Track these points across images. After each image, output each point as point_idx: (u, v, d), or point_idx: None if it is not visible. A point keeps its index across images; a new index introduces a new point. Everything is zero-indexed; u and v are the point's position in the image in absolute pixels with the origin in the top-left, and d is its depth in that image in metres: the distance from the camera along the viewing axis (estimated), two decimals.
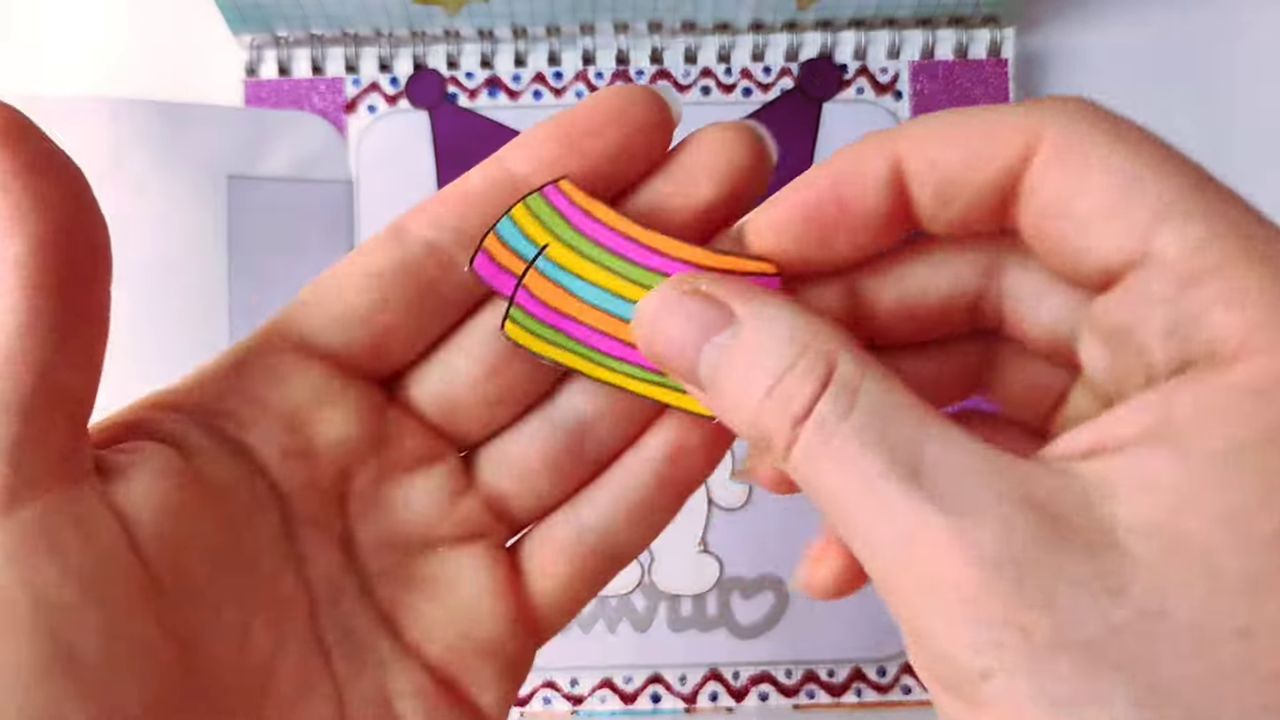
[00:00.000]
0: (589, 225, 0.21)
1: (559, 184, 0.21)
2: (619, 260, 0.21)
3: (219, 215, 0.39)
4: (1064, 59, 0.42)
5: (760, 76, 0.41)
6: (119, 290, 0.40)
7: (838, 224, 0.19)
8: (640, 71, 0.41)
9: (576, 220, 0.21)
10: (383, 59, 0.41)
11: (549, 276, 0.21)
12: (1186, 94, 0.42)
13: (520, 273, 0.21)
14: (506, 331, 0.21)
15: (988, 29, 0.41)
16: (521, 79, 0.41)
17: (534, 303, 0.21)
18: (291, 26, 0.41)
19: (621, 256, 0.21)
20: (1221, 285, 0.15)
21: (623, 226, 0.21)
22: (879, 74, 0.41)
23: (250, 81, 0.41)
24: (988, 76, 0.41)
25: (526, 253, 0.21)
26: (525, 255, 0.21)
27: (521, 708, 0.39)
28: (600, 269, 0.21)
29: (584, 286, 0.21)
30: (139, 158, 0.39)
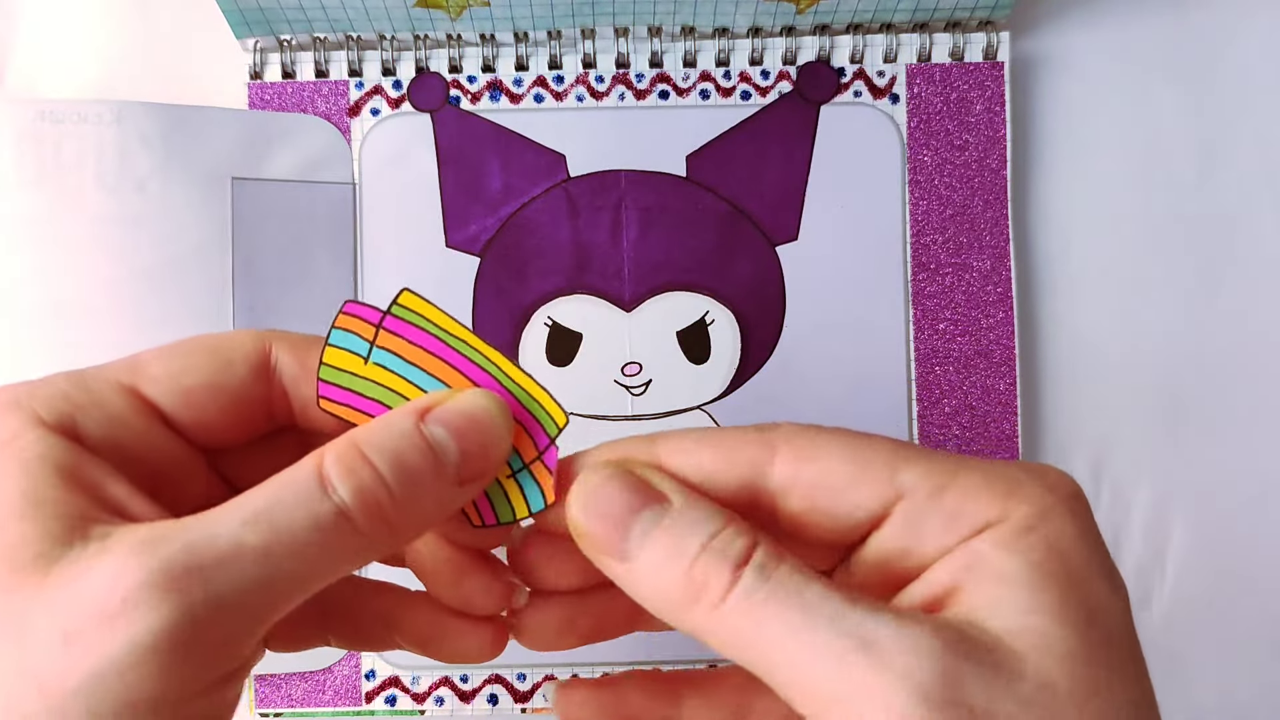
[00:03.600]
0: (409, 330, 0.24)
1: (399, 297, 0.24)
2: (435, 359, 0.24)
3: (223, 217, 0.40)
4: (1059, 62, 0.43)
5: (758, 80, 0.41)
6: (124, 290, 0.41)
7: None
8: (640, 75, 0.41)
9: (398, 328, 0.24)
10: (386, 63, 0.41)
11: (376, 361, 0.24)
12: (1181, 97, 0.43)
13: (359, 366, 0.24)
14: (321, 406, 0.24)
15: (984, 32, 0.41)
16: (523, 82, 0.41)
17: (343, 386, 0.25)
18: (295, 30, 0.41)
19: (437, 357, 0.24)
20: (959, 490, 0.22)
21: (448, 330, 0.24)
22: (876, 77, 0.42)
23: (254, 84, 0.41)
24: (984, 79, 0.41)
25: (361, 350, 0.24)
26: (360, 352, 0.24)
27: (523, 704, 0.40)
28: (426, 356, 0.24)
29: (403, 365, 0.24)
30: (144, 160, 0.39)
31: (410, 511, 0.22)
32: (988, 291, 0.41)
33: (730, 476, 0.23)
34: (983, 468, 0.23)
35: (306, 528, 0.21)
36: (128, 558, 0.20)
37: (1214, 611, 0.41)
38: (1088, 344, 0.42)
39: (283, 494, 0.21)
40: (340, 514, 0.21)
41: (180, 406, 0.24)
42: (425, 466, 0.22)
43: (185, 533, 0.20)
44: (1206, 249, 0.42)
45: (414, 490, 0.22)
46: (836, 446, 0.23)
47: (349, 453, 0.22)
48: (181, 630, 0.20)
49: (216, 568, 0.20)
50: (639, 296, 0.41)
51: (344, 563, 0.22)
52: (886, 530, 0.23)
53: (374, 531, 0.22)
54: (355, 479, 0.22)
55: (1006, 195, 0.41)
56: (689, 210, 0.41)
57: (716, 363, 0.41)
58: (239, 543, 0.20)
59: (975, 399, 0.41)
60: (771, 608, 0.21)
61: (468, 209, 0.41)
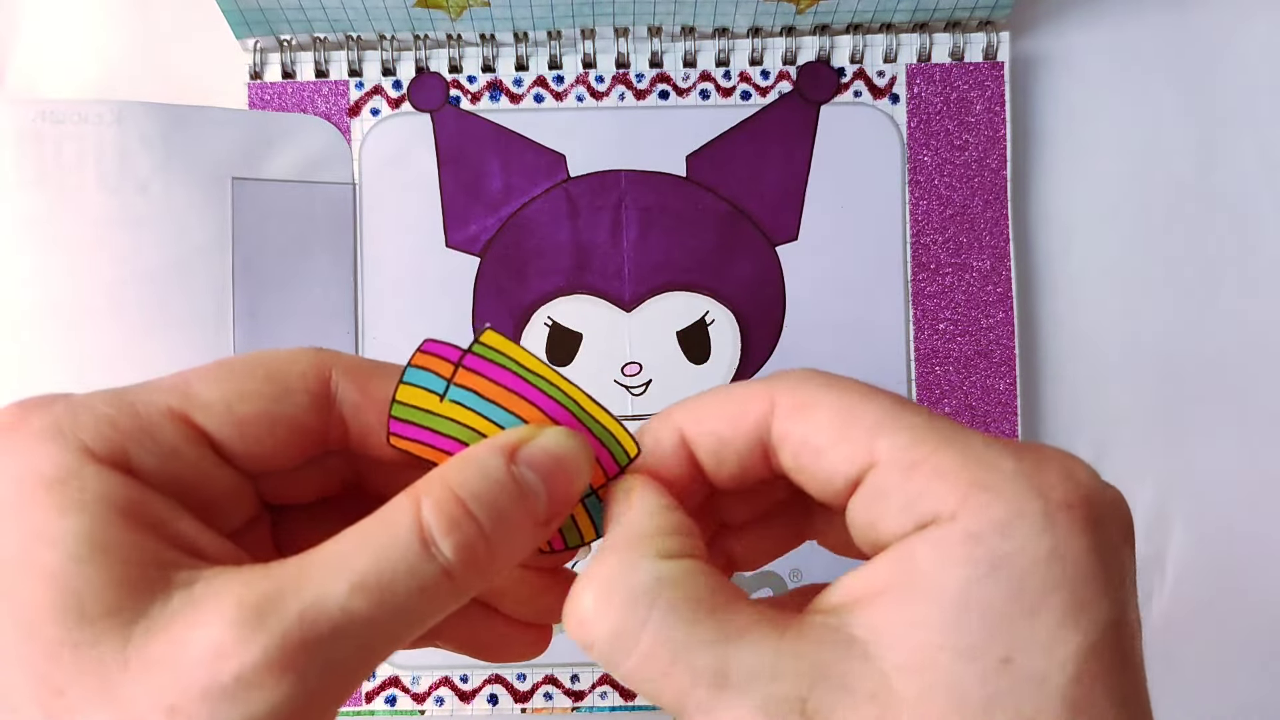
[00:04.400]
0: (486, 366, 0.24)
1: (482, 336, 0.23)
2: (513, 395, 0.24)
3: (224, 217, 0.40)
4: (1059, 62, 0.43)
5: (759, 80, 0.42)
6: (124, 290, 0.41)
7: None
8: (640, 75, 0.41)
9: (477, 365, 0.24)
10: (386, 63, 0.41)
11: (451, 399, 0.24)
12: (1180, 96, 0.43)
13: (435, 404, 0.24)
14: (392, 443, 0.24)
15: (984, 32, 0.41)
16: (523, 82, 0.41)
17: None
18: (295, 30, 0.41)
19: (514, 393, 0.24)
20: (931, 468, 0.20)
21: (525, 364, 0.24)
22: (876, 77, 0.42)
23: (254, 85, 0.41)
24: (984, 79, 0.41)
25: (437, 388, 0.23)
26: (437, 390, 0.24)
27: (523, 704, 0.40)
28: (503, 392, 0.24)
29: (477, 401, 0.24)
30: (144, 160, 0.39)
31: (504, 557, 0.22)
32: (988, 291, 0.41)
33: (739, 437, 0.23)
34: (973, 447, 0.20)
35: (412, 592, 0.20)
36: (235, 629, 0.19)
37: (1214, 611, 0.41)
38: (1087, 344, 0.42)
39: (388, 555, 0.20)
40: (444, 573, 0.21)
41: (234, 436, 0.22)
42: (519, 510, 0.22)
43: (293, 599, 0.19)
44: (1206, 249, 0.42)
45: (508, 536, 0.22)
46: (830, 402, 0.22)
47: (448, 502, 0.21)
48: (295, 706, 0.19)
49: (334, 644, 0.19)
50: (639, 296, 0.41)
51: (439, 616, 0.21)
52: (858, 498, 0.21)
53: (470, 583, 0.21)
54: (457, 534, 0.21)
55: (1006, 195, 0.41)
56: (689, 210, 0.41)
57: (716, 363, 0.41)
58: (349, 612, 0.19)
59: (975, 399, 0.41)
60: (653, 686, 0.20)
61: (468, 209, 0.41)
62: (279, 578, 0.20)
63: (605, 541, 0.22)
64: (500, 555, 0.22)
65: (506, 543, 0.22)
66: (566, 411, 0.24)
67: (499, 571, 0.22)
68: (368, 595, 0.20)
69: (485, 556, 0.21)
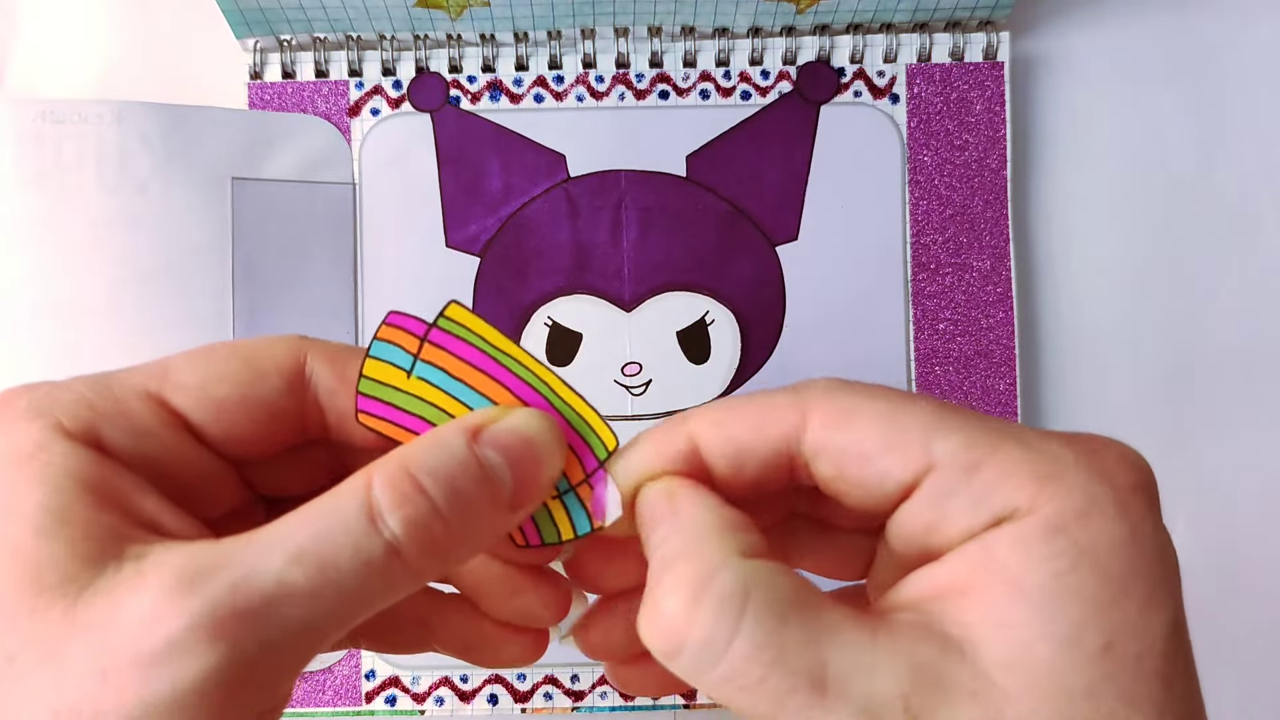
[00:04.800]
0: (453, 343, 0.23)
1: (446, 310, 0.23)
2: (480, 373, 0.23)
3: (223, 217, 0.40)
4: (1059, 62, 0.43)
5: (759, 80, 0.41)
6: (124, 290, 0.41)
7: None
8: (640, 75, 0.41)
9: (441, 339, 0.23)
10: (386, 63, 0.41)
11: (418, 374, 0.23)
12: (1181, 97, 0.43)
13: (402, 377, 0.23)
14: (360, 420, 0.23)
15: (984, 32, 0.41)
16: (523, 82, 0.41)
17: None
18: (295, 30, 0.41)
19: (483, 372, 0.23)
20: (995, 466, 0.20)
21: (494, 343, 0.23)
22: (876, 77, 0.42)
23: (254, 84, 0.41)
24: (984, 79, 0.41)
25: (404, 363, 0.23)
26: (403, 365, 0.23)
27: (523, 704, 0.40)
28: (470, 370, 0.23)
29: (446, 379, 0.23)
30: (144, 160, 0.39)
31: (462, 540, 0.21)
32: (988, 291, 0.41)
33: (764, 446, 0.22)
34: (1030, 441, 0.20)
35: (355, 567, 0.20)
36: (169, 595, 0.19)
37: (1214, 611, 0.41)
38: (1088, 344, 0.42)
39: (330, 528, 0.20)
40: (391, 549, 0.20)
41: (209, 418, 0.23)
42: (479, 492, 0.21)
43: (229, 569, 0.19)
44: (1206, 249, 0.42)
45: (467, 518, 0.21)
46: (871, 411, 0.21)
47: (400, 477, 0.21)
48: (226, 676, 0.19)
49: (263, 612, 0.19)
50: (639, 296, 0.41)
51: (390, 598, 0.21)
52: (914, 503, 0.21)
53: (424, 564, 0.21)
54: (407, 509, 0.20)
55: (1006, 195, 0.41)
56: (689, 210, 0.41)
57: (716, 363, 0.41)
58: (285, 583, 0.19)
59: (975, 399, 0.41)
60: (741, 699, 0.20)
61: (468, 209, 0.41)
62: (222, 550, 0.20)
63: (668, 544, 0.21)
64: (458, 537, 0.21)
65: (465, 525, 0.21)
66: (540, 396, 0.23)
67: (459, 555, 0.22)
68: (305, 567, 0.19)
69: (441, 536, 0.21)
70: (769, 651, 0.19)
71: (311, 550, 0.20)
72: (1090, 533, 0.19)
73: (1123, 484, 0.20)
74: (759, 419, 0.22)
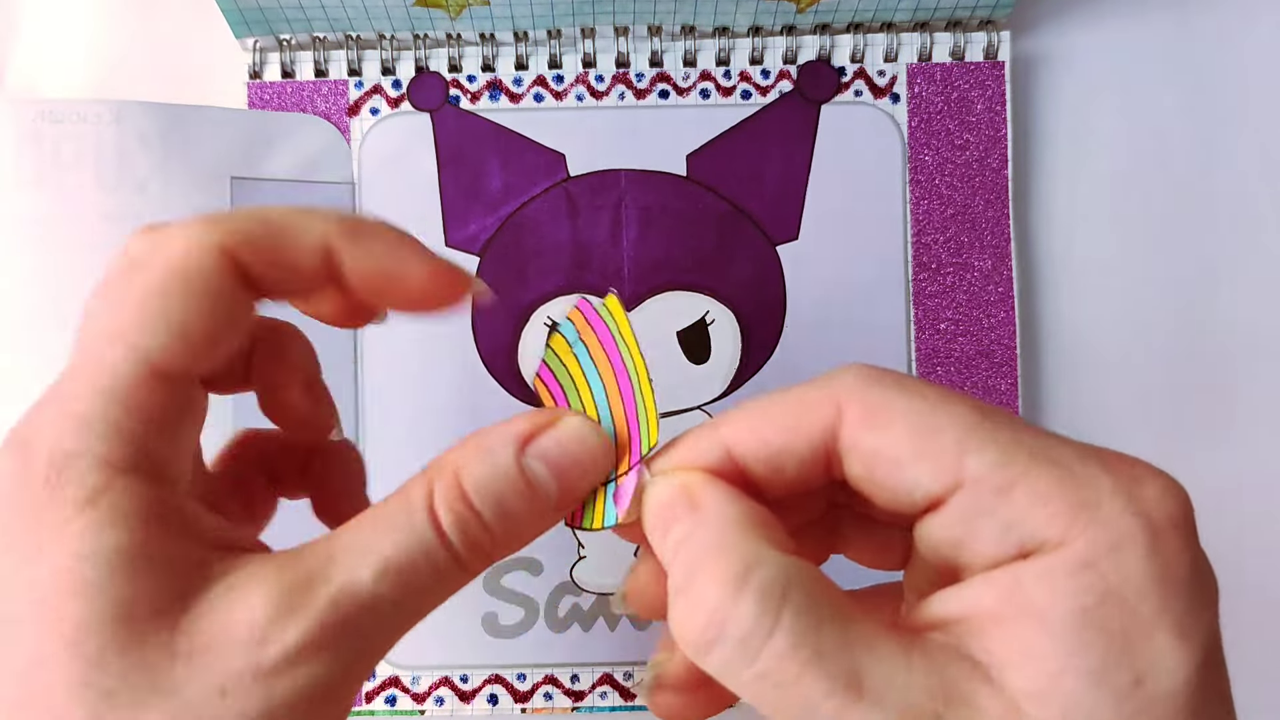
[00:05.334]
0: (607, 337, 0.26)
1: (607, 300, 0.26)
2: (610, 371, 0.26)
3: None
4: (1060, 61, 0.43)
5: (759, 79, 0.41)
6: None
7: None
8: (640, 74, 0.41)
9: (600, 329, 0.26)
10: (385, 62, 0.41)
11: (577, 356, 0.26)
12: (1181, 96, 0.42)
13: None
14: (533, 383, 0.26)
15: (984, 32, 0.41)
16: (523, 82, 0.41)
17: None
18: (295, 30, 0.41)
19: (609, 359, 0.26)
20: (1027, 490, 0.20)
21: (630, 346, 0.26)
22: (876, 77, 0.41)
23: (254, 84, 0.41)
24: (985, 78, 0.41)
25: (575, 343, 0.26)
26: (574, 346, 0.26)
27: (523, 704, 0.40)
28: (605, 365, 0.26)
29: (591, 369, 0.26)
30: (143, 160, 0.39)
31: (509, 544, 0.23)
32: (989, 291, 0.41)
33: (801, 446, 0.22)
34: (1068, 462, 0.20)
35: (431, 577, 0.22)
36: (277, 612, 0.20)
37: None
38: (1089, 344, 0.42)
39: (407, 542, 0.21)
40: (455, 560, 0.22)
41: (187, 355, 0.22)
42: (525, 507, 0.23)
43: (325, 584, 0.21)
44: (1207, 249, 0.42)
45: (512, 529, 0.23)
46: (904, 410, 0.21)
47: (455, 501, 0.22)
48: (334, 681, 0.21)
49: (362, 623, 0.21)
50: (639, 296, 0.41)
51: (448, 596, 0.23)
52: (943, 515, 0.20)
53: (478, 567, 0.23)
54: (466, 531, 0.22)
55: (1007, 195, 0.41)
56: (689, 210, 0.41)
57: (716, 363, 0.41)
58: (377, 595, 0.21)
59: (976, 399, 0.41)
60: (774, 696, 0.20)
61: (467, 208, 0.41)
62: (309, 563, 0.21)
63: (694, 539, 0.21)
64: (504, 544, 0.23)
65: (510, 534, 0.23)
66: (630, 385, 0.25)
67: (508, 552, 0.23)
68: (391, 580, 0.21)
69: (490, 545, 0.23)
70: (805, 650, 0.19)
71: (394, 564, 0.21)
72: (1121, 569, 0.19)
73: (1160, 518, 0.19)
74: (793, 419, 0.22)
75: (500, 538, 0.23)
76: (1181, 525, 0.19)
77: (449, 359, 0.41)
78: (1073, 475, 0.20)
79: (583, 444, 0.23)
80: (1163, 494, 0.20)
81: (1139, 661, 0.19)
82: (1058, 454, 0.20)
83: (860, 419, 0.21)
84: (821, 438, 0.22)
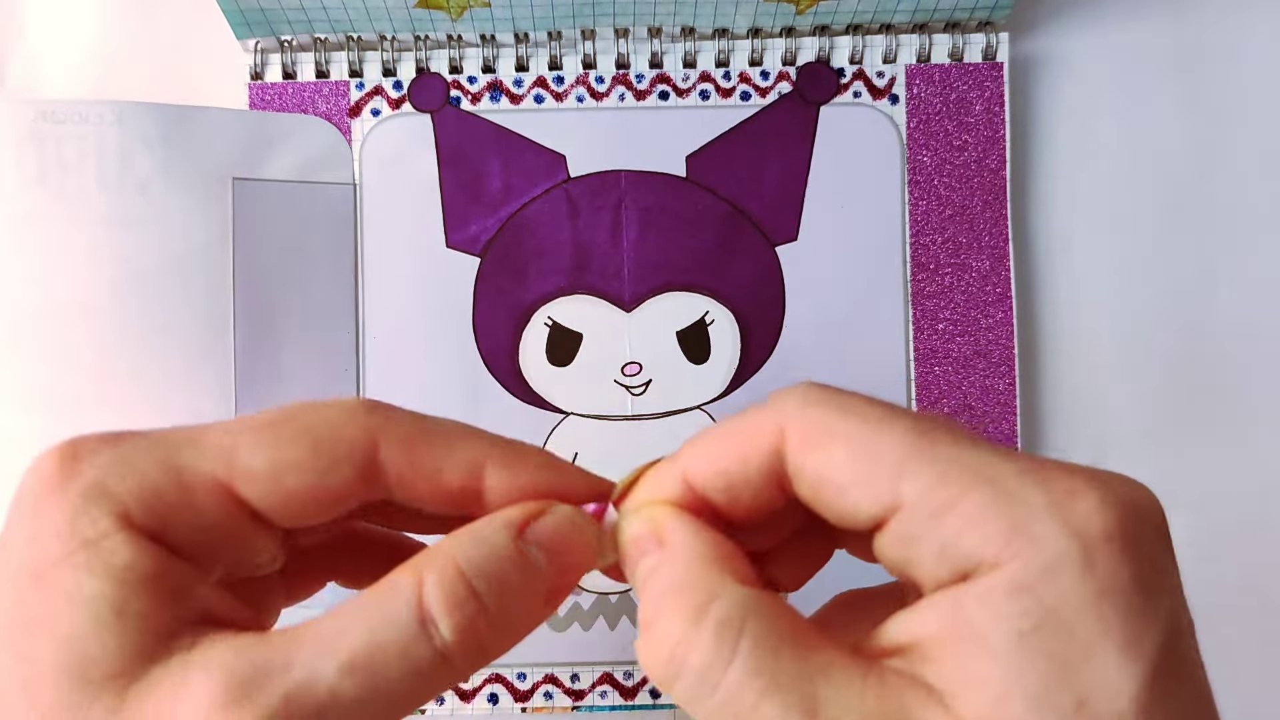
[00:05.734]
0: None
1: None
2: None
3: (224, 217, 0.40)
4: (1059, 62, 0.43)
5: (758, 80, 0.42)
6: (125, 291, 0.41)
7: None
8: (640, 75, 0.41)
9: None
10: (386, 63, 0.42)
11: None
12: (1180, 97, 0.43)
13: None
14: None
15: (983, 33, 0.42)
16: (523, 83, 0.42)
17: None
18: (296, 31, 0.41)
19: None
20: (962, 513, 0.19)
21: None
22: (875, 78, 0.42)
23: (255, 85, 0.41)
24: (983, 80, 0.41)
25: None
26: None
27: (523, 703, 0.40)
28: None
29: None
30: (144, 160, 0.39)
31: (504, 638, 0.22)
32: (987, 291, 0.41)
33: (752, 473, 0.22)
34: (1002, 484, 0.19)
35: (404, 675, 0.20)
36: (223, 703, 0.19)
37: (1214, 611, 0.41)
38: (1087, 344, 0.42)
39: (382, 634, 0.20)
40: (439, 655, 0.20)
41: (277, 506, 0.22)
42: (524, 590, 0.22)
43: (281, 676, 0.19)
44: (1206, 249, 0.42)
45: (512, 617, 0.22)
46: (844, 434, 0.21)
47: (453, 581, 0.21)
48: None
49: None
50: (639, 296, 0.41)
51: (429, 698, 0.21)
52: (885, 537, 0.21)
53: (468, 665, 0.21)
54: (459, 614, 0.21)
55: (1006, 195, 0.41)
56: (689, 210, 0.41)
57: (716, 363, 0.41)
58: (337, 694, 0.19)
59: (974, 399, 0.41)
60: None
61: (468, 209, 0.41)
62: (270, 651, 0.20)
63: (659, 574, 0.21)
64: (501, 635, 0.22)
65: (509, 622, 0.22)
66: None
67: (497, 653, 0.22)
68: (356, 677, 0.20)
69: (486, 636, 0.21)
70: (762, 679, 0.19)
71: (364, 658, 0.20)
72: (1056, 590, 0.19)
73: (1094, 533, 0.19)
74: (741, 446, 0.22)
75: (499, 627, 0.21)
76: (1118, 537, 0.19)
77: (450, 359, 0.41)
78: (1007, 495, 0.19)
79: (575, 529, 0.23)
80: (1098, 507, 0.19)
81: (1081, 683, 0.18)
82: (996, 472, 0.20)
83: (801, 442, 0.21)
84: (769, 462, 0.22)
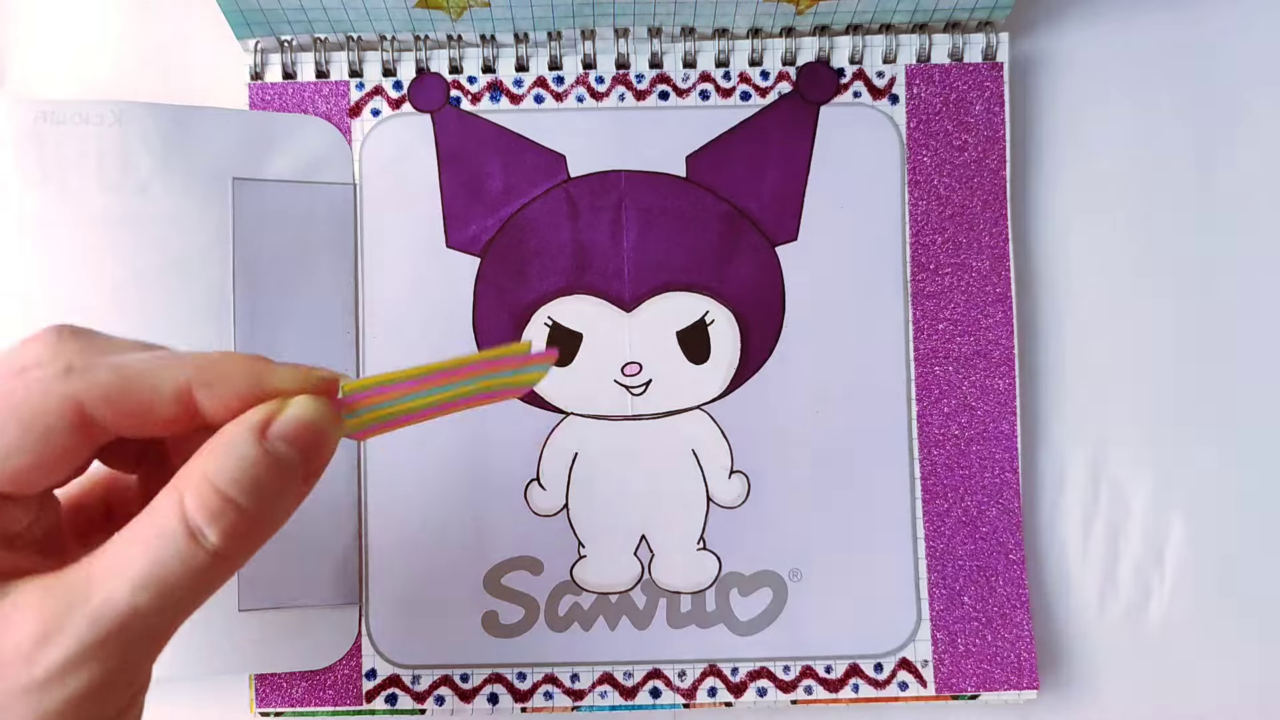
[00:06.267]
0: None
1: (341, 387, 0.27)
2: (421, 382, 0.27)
3: (224, 217, 0.40)
4: (1059, 62, 0.43)
5: (758, 80, 0.42)
6: (125, 291, 0.41)
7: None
8: (640, 75, 0.41)
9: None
10: (386, 63, 0.42)
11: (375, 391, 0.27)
12: (1180, 97, 0.43)
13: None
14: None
15: (983, 33, 0.42)
16: (523, 83, 0.42)
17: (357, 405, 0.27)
18: (296, 31, 0.41)
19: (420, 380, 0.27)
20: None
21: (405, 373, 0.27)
22: (875, 78, 0.42)
23: (255, 85, 0.41)
24: (983, 80, 0.41)
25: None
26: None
27: (523, 703, 0.40)
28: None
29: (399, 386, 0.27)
30: (145, 160, 0.39)
31: (269, 524, 0.25)
32: (987, 291, 0.41)
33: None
34: None
35: (187, 578, 0.24)
36: (42, 635, 0.23)
37: (1214, 611, 0.41)
38: (1087, 343, 0.42)
39: (161, 552, 0.24)
40: (213, 555, 0.24)
41: (9, 484, 0.25)
42: (278, 485, 0.25)
43: (85, 605, 0.23)
44: (1206, 249, 0.42)
45: (271, 507, 0.25)
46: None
47: (208, 495, 0.24)
48: (100, 684, 0.24)
49: (121, 635, 0.24)
50: (639, 296, 0.41)
51: (214, 590, 0.25)
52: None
53: (240, 553, 0.25)
54: (220, 521, 0.24)
55: (1005, 195, 0.41)
56: (689, 210, 0.41)
57: (716, 363, 0.41)
58: (134, 607, 0.24)
59: (974, 398, 0.41)
60: None
61: (468, 209, 0.41)
62: (70, 586, 0.24)
63: None
64: (265, 524, 0.25)
65: (270, 514, 0.25)
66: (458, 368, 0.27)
67: (269, 534, 0.26)
68: (148, 591, 0.24)
69: (253, 530, 0.25)
70: None
71: (151, 575, 0.24)
72: None
73: None
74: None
75: (262, 520, 0.25)
76: None
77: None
78: None
79: (317, 414, 0.26)
80: None
81: None
82: None
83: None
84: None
